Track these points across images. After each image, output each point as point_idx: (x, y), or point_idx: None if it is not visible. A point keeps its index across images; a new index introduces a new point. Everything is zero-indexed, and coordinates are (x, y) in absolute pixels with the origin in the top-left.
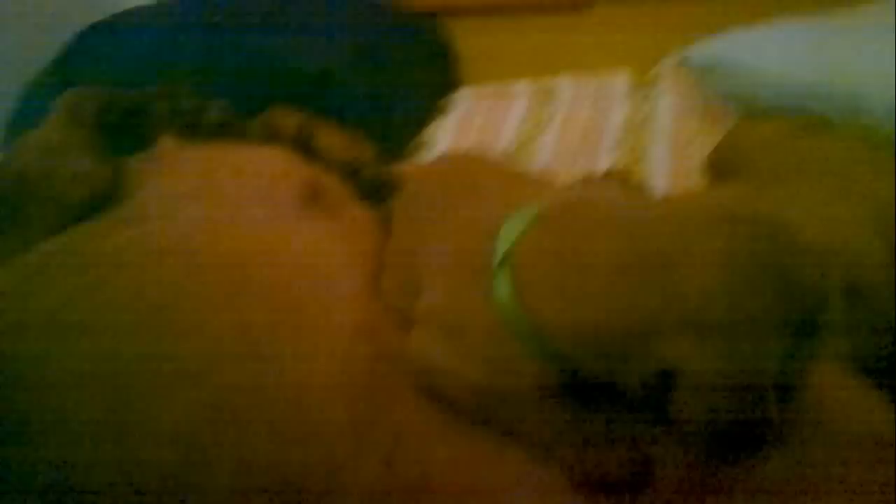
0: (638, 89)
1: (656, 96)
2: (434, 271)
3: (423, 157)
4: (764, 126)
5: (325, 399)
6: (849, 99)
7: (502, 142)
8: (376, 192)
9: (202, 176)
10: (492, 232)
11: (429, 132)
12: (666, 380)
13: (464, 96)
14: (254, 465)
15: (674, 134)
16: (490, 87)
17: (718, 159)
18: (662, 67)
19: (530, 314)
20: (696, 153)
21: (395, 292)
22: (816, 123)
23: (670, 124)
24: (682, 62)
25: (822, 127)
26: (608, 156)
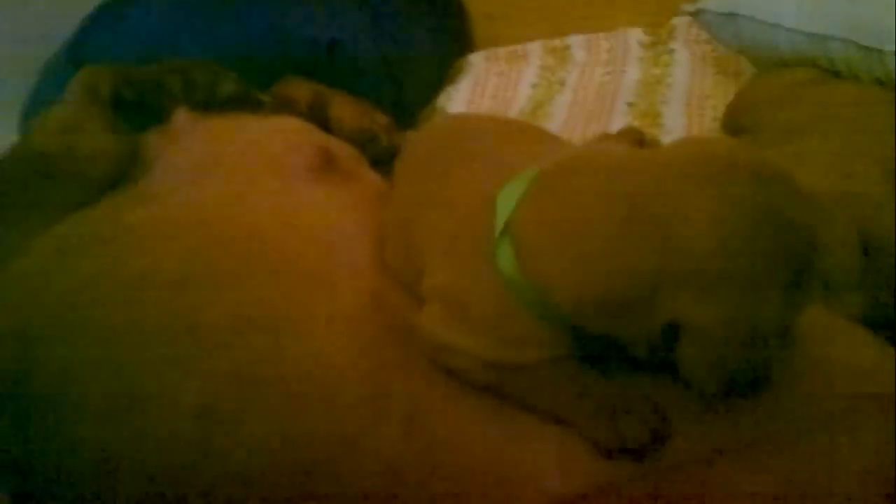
0: (652, 46)
1: (670, 52)
2: (434, 247)
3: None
4: (778, 79)
5: (342, 368)
6: (866, 48)
7: (516, 106)
8: (390, 160)
9: (217, 149)
10: (489, 199)
11: (442, 99)
12: (672, 333)
13: (476, 60)
14: (272, 436)
15: (689, 91)
16: (502, 50)
17: (734, 116)
18: (676, 21)
19: (536, 281)
20: (711, 111)
21: (399, 266)
22: (831, 74)
23: (685, 82)
24: (695, 15)
25: (836, 78)
26: (623, 117)
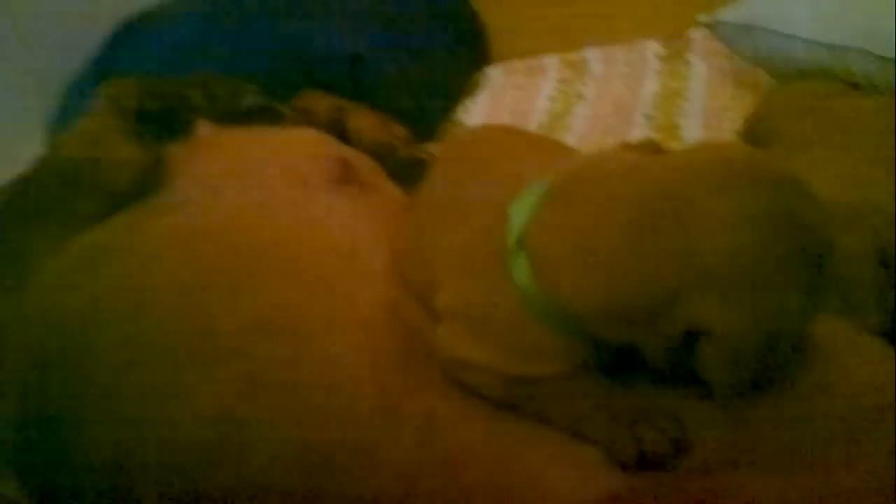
0: (669, 59)
1: (688, 65)
2: (447, 261)
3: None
4: (796, 91)
5: (357, 376)
6: (883, 58)
7: (534, 119)
8: (409, 172)
9: (237, 160)
10: (502, 212)
11: (460, 112)
12: (691, 340)
13: (494, 74)
14: (286, 442)
15: (707, 104)
16: (520, 63)
17: (752, 128)
18: (693, 34)
19: (552, 292)
20: (729, 123)
21: (413, 279)
22: (848, 85)
23: (703, 94)
24: (712, 27)
25: (853, 89)
26: (641, 129)
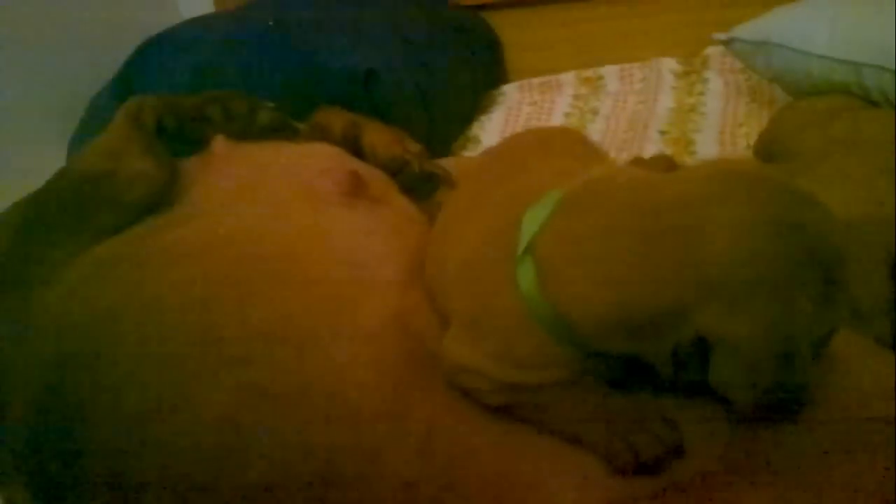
0: (685, 76)
1: (704, 82)
2: (459, 270)
3: (470, 153)
4: (810, 106)
5: (362, 385)
6: None
7: None
8: (423, 187)
9: (250, 174)
10: (516, 220)
11: (475, 128)
12: (701, 349)
13: (509, 90)
14: (291, 449)
15: (722, 120)
16: (536, 80)
17: (765, 144)
18: (710, 51)
19: (554, 302)
20: (744, 139)
21: (434, 287)
22: (863, 101)
23: (718, 110)
24: (727, 44)
25: (869, 105)
26: (655, 145)
